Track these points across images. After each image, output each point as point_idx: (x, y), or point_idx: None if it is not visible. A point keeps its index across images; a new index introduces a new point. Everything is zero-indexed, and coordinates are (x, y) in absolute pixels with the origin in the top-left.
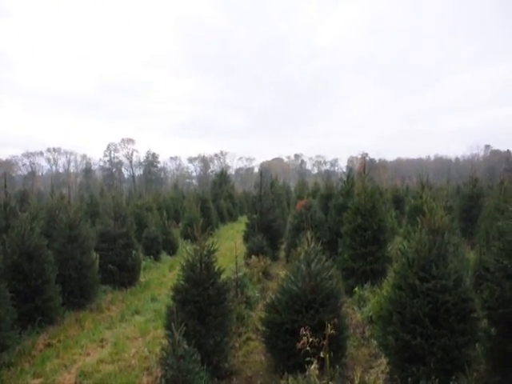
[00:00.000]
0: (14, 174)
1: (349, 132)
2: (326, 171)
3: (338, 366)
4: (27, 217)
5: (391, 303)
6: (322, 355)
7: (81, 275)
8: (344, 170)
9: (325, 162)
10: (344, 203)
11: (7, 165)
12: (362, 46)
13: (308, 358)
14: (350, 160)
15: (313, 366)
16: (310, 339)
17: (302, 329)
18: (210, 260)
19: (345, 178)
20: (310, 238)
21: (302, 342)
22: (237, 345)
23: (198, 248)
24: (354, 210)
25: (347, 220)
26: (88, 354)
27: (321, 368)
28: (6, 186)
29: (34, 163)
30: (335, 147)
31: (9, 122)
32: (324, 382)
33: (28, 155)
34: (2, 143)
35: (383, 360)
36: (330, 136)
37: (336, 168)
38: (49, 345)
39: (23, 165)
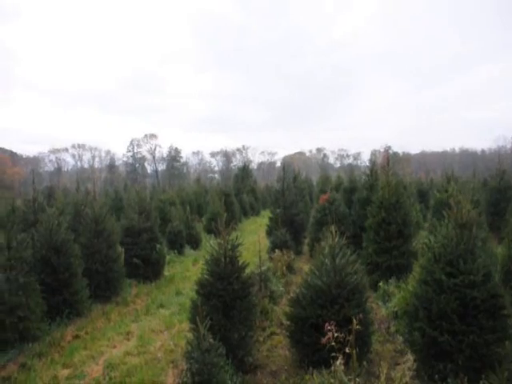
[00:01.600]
0: (41, 170)
1: (371, 125)
2: (349, 165)
3: (364, 362)
4: (55, 212)
5: (417, 299)
6: (347, 351)
7: (107, 269)
8: (367, 163)
9: (347, 156)
10: (368, 197)
11: (35, 161)
12: (383, 37)
13: (333, 354)
14: (373, 153)
15: (338, 362)
16: (336, 334)
17: (326, 324)
18: (235, 254)
19: (368, 172)
20: (334, 233)
21: (327, 337)
22: (261, 339)
23: (223, 242)
24: (378, 203)
25: (371, 214)
26: (114, 347)
27: (346, 363)
28: (34, 182)
29: (59, 159)
30: (358, 140)
31: (36, 120)
32: (350, 377)
33: (54, 151)
34: (30, 140)
35: (410, 356)
36: (353, 129)
37: (359, 162)
38: (77, 336)
39: (50, 161)
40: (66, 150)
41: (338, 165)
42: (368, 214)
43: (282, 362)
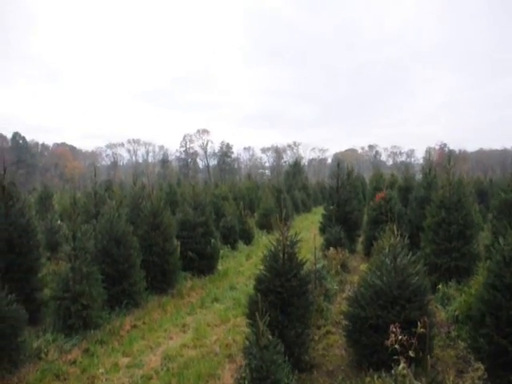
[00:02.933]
0: (98, 165)
1: (425, 121)
2: (402, 162)
3: (429, 367)
4: (115, 204)
5: (484, 303)
6: (411, 354)
7: (163, 261)
8: (421, 161)
9: (400, 153)
10: (425, 196)
11: (93, 155)
12: (438, 29)
13: (395, 357)
14: (428, 151)
15: (401, 366)
16: (399, 337)
17: (391, 325)
18: (293, 251)
19: (426, 170)
20: (395, 231)
21: (391, 339)
22: (316, 338)
23: (281, 238)
24: (438, 203)
25: (430, 213)
26: (171, 338)
27: (408, 367)
28: (95, 175)
29: (115, 154)
30: (411, 137)
31: (94, 116)
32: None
33: (110, 146)
34: (90, 135)
35: (480, 365)
36: (406, 125)
37: (412, 159)
38: (135, 326)
39: (106, 155)
40: (122, 144)
41: (391, 162)
42: (427, 214)
43: (338, 362)
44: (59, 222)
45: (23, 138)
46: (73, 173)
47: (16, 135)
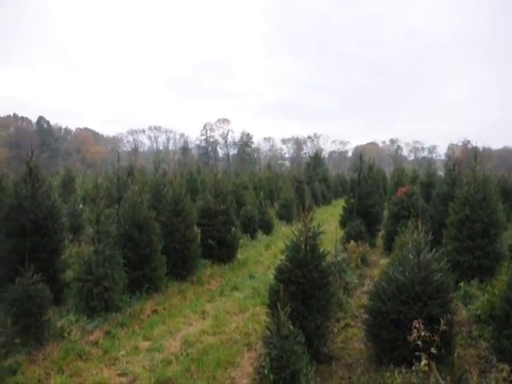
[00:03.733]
0: (119, 150)
1: (449, 117)
2: (424, 158)
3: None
4: (137, 190)
5: (508, 304)
6: (433, 351)
7: (184, 248)
8: (443, 157)
9: (422, 149)
10: (449, 192)
11: (114, 141)
12: (464, 25)
13: (417, 353)
14: (450, 147)
15: (423, 363)
16: (422, 333)
17: (414, 321)
18: (315, 242)
19: (450, 166)
20: (420, 227)
21: (413, 334)
22: (335, 330)
23: (304, 229)
24: (462, 200)
25: (454, 210)
26: (191, 324)
27: (429, 365)
28: (118, 161)
29: (136, 140)
30: (434, 133)
31: (116, 102)
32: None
33: (132, 133)
34: (112, 120)
35: (506, 366)
36: (429, 121)
37: (434, 155)
38: (155, 311)
39: (127, 141)
40: (143, 131)
41: (412, 157)
42: (450, 210)
43: (357, 356)
44: (81, 205)
45: (47, 123)
46: (94, 157)
47: (41, 119)
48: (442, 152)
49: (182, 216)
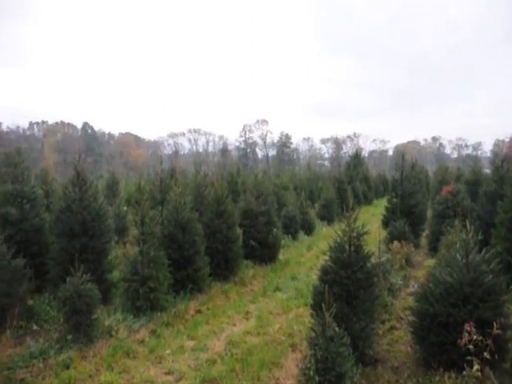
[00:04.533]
0: (160, 153)
1: (494, 112)
2: (468, 155)
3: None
4: (181, 192)
5: None
6: (486, 356)
7: (226, 249)
8: (488, 154)
9: (466, 146)
10: (497, 190)
11: (155, 145)
12: (508, 15)
13: (468, 357)
14: (496, 144)
15: (475, 368)
16: (474, 337)
17: (466, 324)
18: (360, 242)
19: (498, 163)
20: (468, 227)
21: (464, 338)
22: (380, 332)
23: (348, 229)
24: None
25: (503, 209)
26: (234, 325)
27: (481, 370)
28: (161, 163)
29: (177, 143)
30: (478, 129)
31: (157, 105)
32: None
33: (172, 136)
34: (153, 124)
35: None
36: (472, 117)
37: (479, 152)
38: (199, 311)
39: (168, 145)
40: (183, 134)
41: (456, 155)
42: (499, 209)
43: (403, 359)
44: (125, 207)
45: (92, 128)
46: (136, 161)
47: (85, 125)
48: (487, 149)
49: (224, 217)
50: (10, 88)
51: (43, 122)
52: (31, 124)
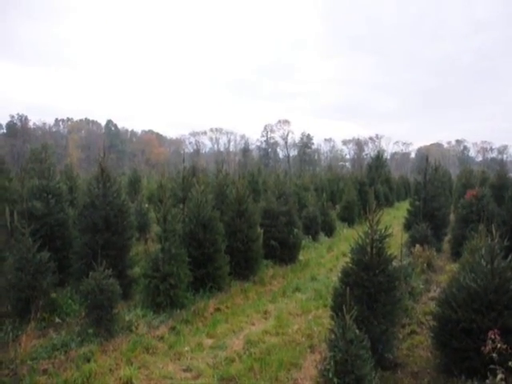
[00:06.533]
0: (182, 152)
1: None
2: (493, 159)
3: None
4: (202, 190)
5: None
6: (510, 365)
7: (247, 248)
8: None
9: (491, 149)
10: None
11: (177, 143)
12: None
13: (492, 366)
14: None
15: (499, 377)
16: (498, 345)
17: (490, 332)
18: (382, 245)
19: None
20: (494, 232)
21: (488, 346)
22: (400, 336)
23: (370, 231)
24: None
25: None
26: (253, 324)
27: (505, 379)
28: (184, 161)
29: (198, 142)
30: (504, 132)
31: (180, 105)
32: None
33: (194, 134)
34: (175, 123)
35: None
36: (498, 120)
37: (505, 156)
38: (218, 309)
39: (189, 143)
40: (205, 133)
41: (480, 158)
42: None
43: (423, 364)
44: (146, 205)
45: (115, 125)
46: (158, 158)
47: (109, 122)
48: None
49: (245, 216)
50: (39, 86)
51: (68, 119)
52: (57, 121)
